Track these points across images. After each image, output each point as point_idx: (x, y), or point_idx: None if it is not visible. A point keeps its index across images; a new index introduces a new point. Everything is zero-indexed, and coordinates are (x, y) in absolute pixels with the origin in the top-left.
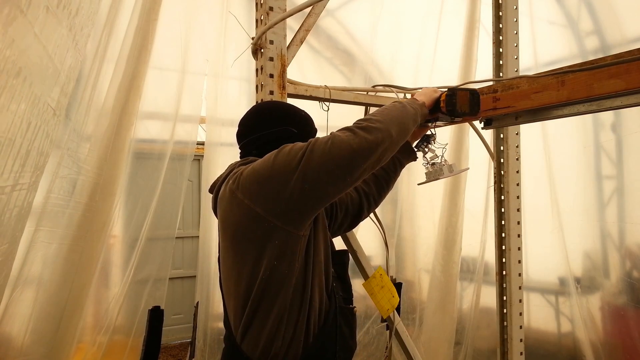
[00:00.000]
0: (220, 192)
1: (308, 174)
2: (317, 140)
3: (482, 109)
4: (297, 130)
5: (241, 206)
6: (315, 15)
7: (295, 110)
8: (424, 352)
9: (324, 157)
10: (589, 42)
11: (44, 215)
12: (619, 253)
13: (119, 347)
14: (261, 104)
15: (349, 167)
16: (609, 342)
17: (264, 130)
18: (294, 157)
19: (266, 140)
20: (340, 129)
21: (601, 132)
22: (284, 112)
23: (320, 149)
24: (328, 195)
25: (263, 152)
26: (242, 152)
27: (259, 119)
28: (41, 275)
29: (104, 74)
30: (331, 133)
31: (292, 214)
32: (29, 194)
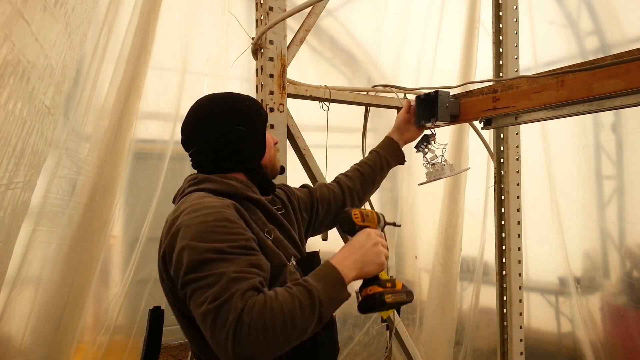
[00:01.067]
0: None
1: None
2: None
3: (482, 109)
4: (245, 128)
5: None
6: (315, 15)
7: (237, 100)
8: (424, 352)
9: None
10: (589, 42)
11: (42, 215)
12: (619, 253)
13: (119, 347)
14: (198, 103)
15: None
16: (609, 342)
17: (208, 138)
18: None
19: (213, 149)
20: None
21: (601, 132)
22: (226, 110)
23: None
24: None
25: (214, 162)
26: (193, 163)
27: (199, 124)
28: (41, 275)
29: (104, 74)
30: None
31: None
32: (24, 193)
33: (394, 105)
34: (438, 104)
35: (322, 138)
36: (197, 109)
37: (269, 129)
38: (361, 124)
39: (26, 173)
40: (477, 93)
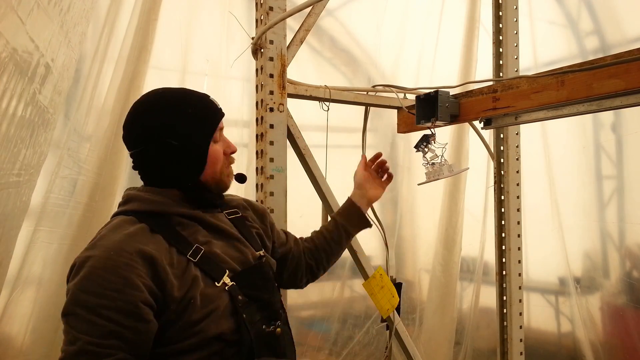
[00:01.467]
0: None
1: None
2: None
3: (482, 109)
4: (177, 142)
5: None
6: (315, 15)
7: (179, 104)
8: (424, 352)
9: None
10: (589, 42)
11: (43, 215)
12: (619, 253)
13: None
14: (134, 106)
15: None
16: (608, 342)
17: (137, 147)
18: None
19: (140, 162)
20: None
21: (601, 132)
22: (159, 117)
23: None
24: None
25: (144, 174)
26: (134, 166)
27: (129, 127)
28: (42, 276)
29: (105, 74)
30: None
31: None
32: (25, 192)
33: (394, 105)
34: (438, 103)
35: (322, 138)
36: (136, 107)
37: (222, 133)
38: (361, 124)
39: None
40: (477, 93)
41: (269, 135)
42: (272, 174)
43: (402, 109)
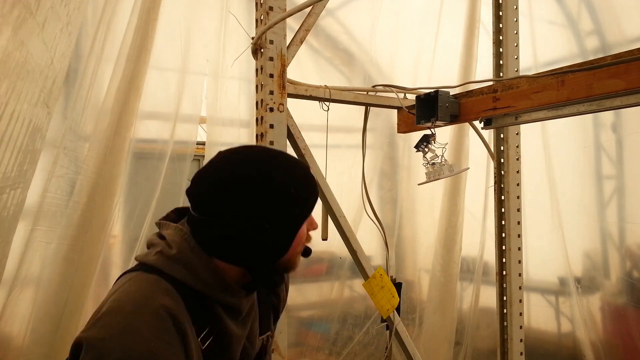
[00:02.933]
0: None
1: None
2: None
3: (482, 109)
4: (270, 225)
5: None
6: (315, 15)
7: (282, 180)
8: (424, 352)
9: None
10: (589, 42)
11: (40, 215)
12: (619, 253)
13: None
14: (228, 163)
15: None
16: (609, 342)
17: (217, 215)
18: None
19: (217, 233)
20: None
21: (601, 132)
22: (256, 192)
23: None
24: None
25: (213, 245)
26: (190, 221)
27: (215, 193)
28: (40, 275)
29: (102, 74)
30: None
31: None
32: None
33: (394, 105)
34: (438, 103)
35: (322, 138)
36: (223, 170)
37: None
38: (361, 124)
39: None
40: (477, 93)
41: (269, 135)
42: None
43: (402, 109)
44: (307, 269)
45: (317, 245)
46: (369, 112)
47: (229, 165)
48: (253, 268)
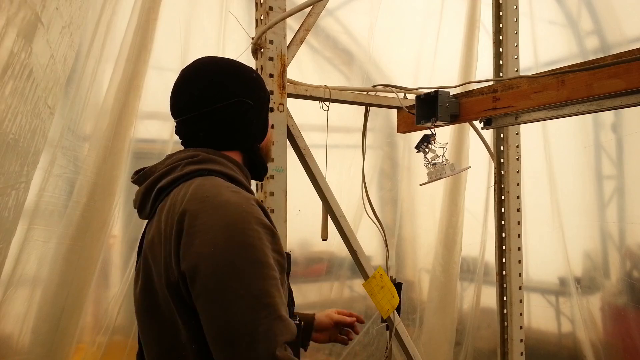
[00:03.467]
0: (166, 205)
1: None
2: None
3: (482, 109)
4: (252, 102)
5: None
6: (315, 15)
7: (245, 70)
8: (424, 352)
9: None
10: (589, 42)
11: (37, 214)
12: (619, 253)
13: (118, 348)
14: (199, 64)
15: None
16: (609, 342)
17: (210, 105)
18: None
19: (214, 120)
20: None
21: (601, 132)
22: (235, 77)
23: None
24: None
25: (212, 135)
26: (185, 130)
27: (200, 87)
28: (39, 275)
29: (101, 74)
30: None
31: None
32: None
33: (394, 105)
34: (438, 103)
35: (322, 138)
36: (199, 70)
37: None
38: (361, 124)
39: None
40: (477, 93)
41: None
42: (272, 174)
43: (402, 109)
44: (307, 269)
45: (317, 245)
46: (369, 112)
47: (199, 68)
48: (248, 150)
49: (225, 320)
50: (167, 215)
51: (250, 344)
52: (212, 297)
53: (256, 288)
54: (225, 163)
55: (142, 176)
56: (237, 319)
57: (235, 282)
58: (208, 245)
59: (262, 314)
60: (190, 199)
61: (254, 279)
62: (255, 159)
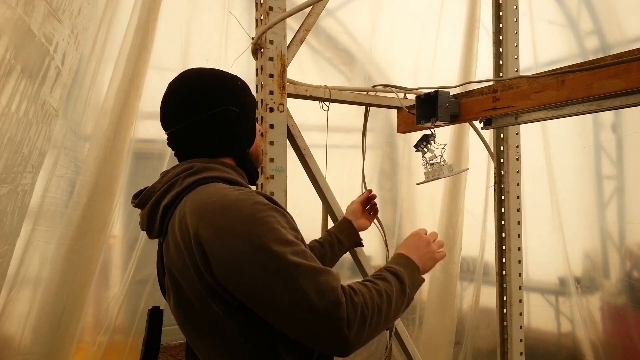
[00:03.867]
0: (175, 219)
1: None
2: (334, 309)
3: (482, 109)
4: (238, 109)
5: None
6: (315, 15)
7: (229, 78)
8: (424, 352)
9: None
10: (589, 42)
11: (40, 215)
12: (619, 253)
13: (118, 347)
14: (184, 77)
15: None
16: (609, 342)
17: (198, 115)
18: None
19: (202, 130)
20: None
21: (601, 132)
22: (220, 87)
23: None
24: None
25: (203, 143)
26: (176, 141)
27: (187, 99)
28: (40, 275)
29: (102, 74)
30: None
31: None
32: (28, 195)
33: (394, 105)
34: (438, 103)
35: (322, 138)
36: (183, 82)
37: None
38: (361, 124)
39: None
40: (477, 93)
41: (269, 135)
42: (272, 174)
43: (402, 109)
44: None
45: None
46: (369, 112)
47: (180, 79)
48: (239, 156)
49: (285, 299)
50: (180, 229)
51: (319, 301)
52: (262, 287)
53: (293, 262)
54: (220, 168)
55: (142, 198)
56: (294, 292)
57: (274, 264)
58: (235, 244)
59: (311, 276)
60: (198, 207)
61: (287, 255)
62: (246, 164)
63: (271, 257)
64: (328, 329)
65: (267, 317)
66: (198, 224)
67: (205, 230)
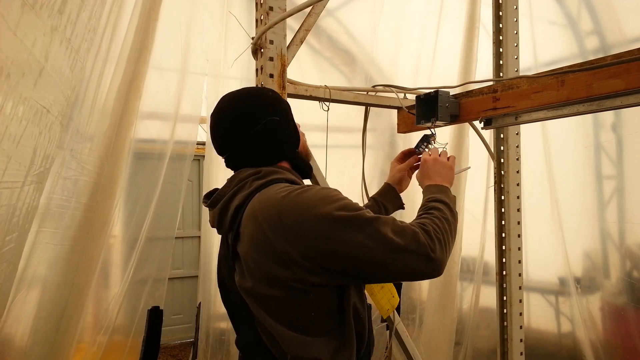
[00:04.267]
0: (247, 216)
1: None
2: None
3: (482, 109)
4: (278, 117)
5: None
6: (315, 15)
7: (260, 93)
8: (424, 352)
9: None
10: (589, 42)
11: (46, 217)
12: (619, 253)
13: (118, 347)
14: (223, 106)
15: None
16: (609, 342)
17: (248, 134)
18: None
19: (255, 145)
20: (417, 238)
21: (601, 132)
22: (256, 103)
23: (403, 262)
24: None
25: (259, 155)
26: (235, 162)
27: (232, 126)
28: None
29: (107, 75)
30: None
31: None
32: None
33: (394, 105)
34: (438, 103)
35: (322, 138)
36: (224, 111)
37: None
38: (361, 124)
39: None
40: (477, 93)
41: None
42: None
43: (402, 109)
44: None
45: None
46: (369, 112)
47: (220, 109)
48: (291, 157)
49: (375, 249)
50: (255, 226)
51: (401, 239)
52: (354, 247)
53: (369, 218)
54: (282, 172)
55: (214, 200)
56: (380, 240)
57: (356, 224)
58: (317, 222)
59: (386, 224)
60: (271, 204)
61: (364, 215)
62: (299, 163)
63: (351, 220)
64: (417, 258)
65: (366, 273)
66: (274, 219)
67: (282, 222)
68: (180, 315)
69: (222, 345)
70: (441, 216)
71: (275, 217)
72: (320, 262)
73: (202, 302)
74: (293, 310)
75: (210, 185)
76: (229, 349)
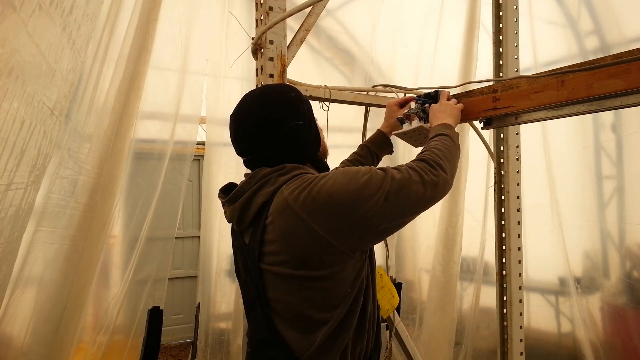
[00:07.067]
0: (278, 208)
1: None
2: (401, 189)
3: (482, 109)
4: (302, 122)
5: (312, 233)
6: (315, 15)
7: (284, 94)
8: (424, 352)
9: (401, 204)
10: (589, 42)
11: (44, 216)
12: (619, 253)
13: (118, 347)
14: (248, 104)
15: (413, 216)
16: (609, 342)
17: (271, 139)
18: (374, 194)
19: (277, 150)
20: (413, 168)
21: (601, 132)
22: (280, 105)
23: (402, 197)
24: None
25: (281, 158)
26: (255, 164)
27: (257, 128)
28: (42, 276)
29: (106, 74)
30: (407, 173)
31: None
32: (28, 194)
33: None
34: None
35: None
36: (247, 113)
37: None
38: (361, 124)
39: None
40: (477, 93)
41: None
42: None
43: None
44: None
45: None
46: (369, 112)
47: (245, 109)
48: (314, 160)
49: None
50: (291, 216)
51: (421, 187)
52: (387, 215)
53: (390, 181)
54: (305, 168)
55: (233, 196)
56: (404, 202)
57: (379, 195)
58: (352, 203)
59: (401, 183)
60: (300, 195)
61: (386, 182)
62: (319, 165)
63: (375, 190)
64: (427, 195)
65: (391, 220)
66: (305, 205)
67: (313, 205)
68: (180, 315)
69: (222, 345)
70: (442, 145)
71: (310, 200)
72: (354, 225)
73: (201, 302)
74: (323, 290)
75: (210, 185)
76: (229, 349)
